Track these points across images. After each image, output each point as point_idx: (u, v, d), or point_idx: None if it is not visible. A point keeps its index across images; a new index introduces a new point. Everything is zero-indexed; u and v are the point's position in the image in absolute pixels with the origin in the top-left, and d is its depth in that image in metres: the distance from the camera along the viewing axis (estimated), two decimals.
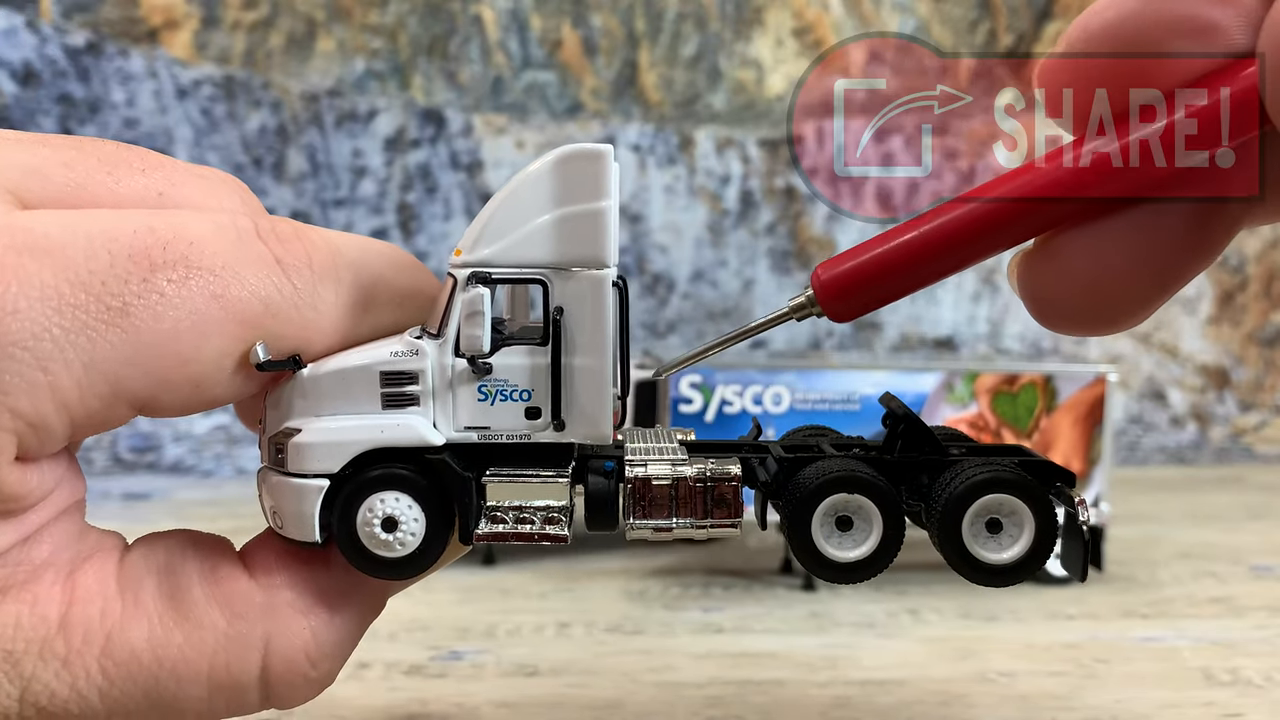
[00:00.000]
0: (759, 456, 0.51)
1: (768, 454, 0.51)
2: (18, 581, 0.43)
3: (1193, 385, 1.89)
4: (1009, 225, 0.43)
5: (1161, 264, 0.42)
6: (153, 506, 1.33)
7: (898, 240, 0.44)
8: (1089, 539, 0.47)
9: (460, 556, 0.52)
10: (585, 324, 0.46)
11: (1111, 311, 0.43)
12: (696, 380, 0.96)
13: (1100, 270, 0.42)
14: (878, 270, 0.45)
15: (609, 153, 0.46)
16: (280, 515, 0.47)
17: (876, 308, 0.46)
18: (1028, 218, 0.42)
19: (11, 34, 1.66)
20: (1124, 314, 0.43)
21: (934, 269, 0.44)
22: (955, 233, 0.43)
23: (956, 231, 0.43)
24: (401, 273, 0.50)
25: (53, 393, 0.41)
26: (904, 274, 0.44)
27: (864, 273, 0.45)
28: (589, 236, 0.46)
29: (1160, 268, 0.42)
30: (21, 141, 0.46)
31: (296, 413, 0.46)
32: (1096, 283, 0.42)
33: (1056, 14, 1.92)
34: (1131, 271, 0.42)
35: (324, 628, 0.47)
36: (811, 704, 0.67)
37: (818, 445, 0.51)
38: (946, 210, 0.43)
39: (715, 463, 0.48)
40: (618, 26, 1.81)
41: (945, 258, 0.44)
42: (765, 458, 0.51)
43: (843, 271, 0.45)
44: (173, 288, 0.42)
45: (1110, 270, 0.42)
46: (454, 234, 1.78)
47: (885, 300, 0.46)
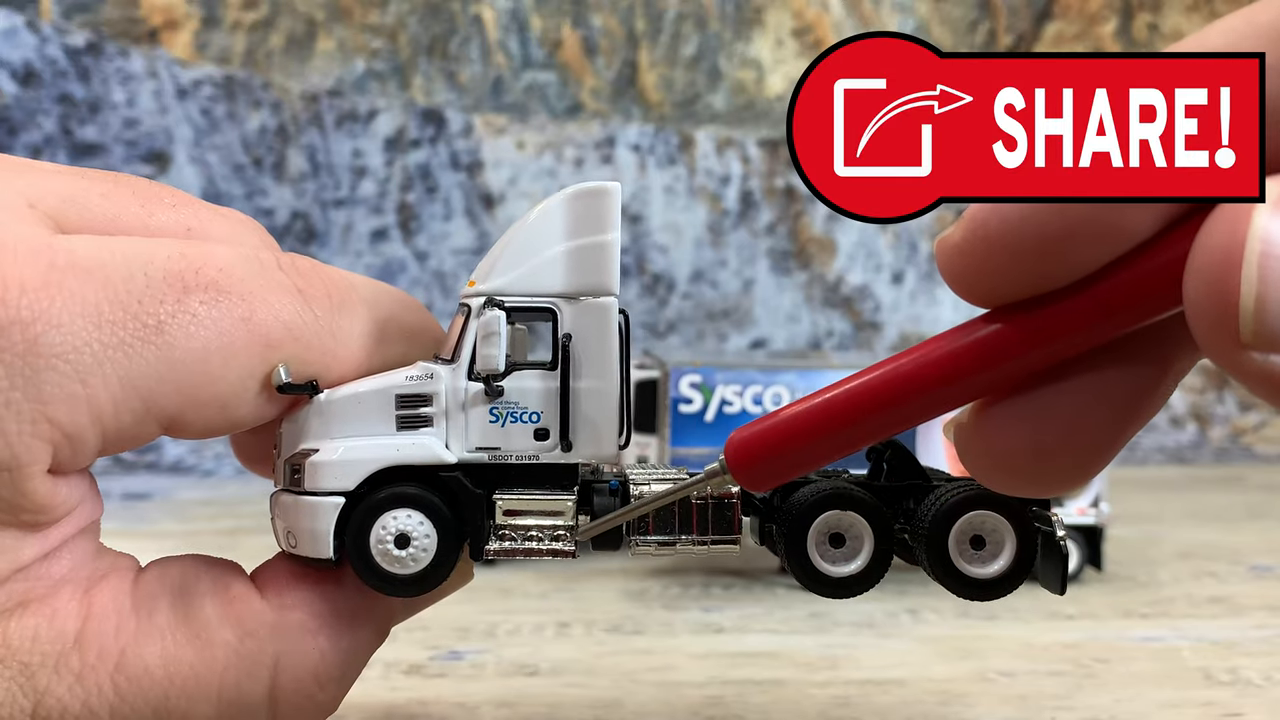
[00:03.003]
0: None
1: None
2: (37, 595, 0.44)
3: (1192, 385, 1.89)
4: (927, 395, 0.40)
5: (1095, 433, 0.40)
6: (153, 506, 1.33)
7: (809, 404, 0.42)
8: (1066, 555, 0.49)
9: (465, 585, 0.53)
10: (592, 348, 0.49)
11: (1052, 480, 0.41)
12: (696, 380, 0.96)
13: (1035, 443, 0.40)
14: (789, 433, 0.42)
15: (617, 190, 0.49)
16: (294, 534, 0.48)
17: (791, 476, 0.44)
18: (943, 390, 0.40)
19: (12, 34, 1.66)
20: (1064, 481, 0.41)
21: (849, 436, 0.41)
22: (870, 397, 0.40)
23: (871, 396, 0.40)
24: (410, 311, 0.53)
25: (89, 405, 0.42)
26: (816, 439, 0.41)
27: (774, 436, 0.42)
28: (596, 267, 0.49)
29: (1095, 437, 0.40)
30: (61, 173, 0.48)
31: (313, 435, 0.48)
32: (1033, 454, 0.40)
33: (1056, 14, 1.92)
34: (1066, 442, 0.40)
35: (332, 649, 0.48)
36: (811, 704, 0.67)
37: (805, 476, 0.53)
38: (863, 375, 0.41)
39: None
40: (618, 26, 1.81)
41: (860, 424, 0.41)
42: None
43: (751, 435, 0.43)
44: (204, 309, 0.44)
45: (1045, 443, 0.40)
46: (454, 234, 1.78)
47: (799, 467, 0.43)
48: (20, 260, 0.41)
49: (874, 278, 1.89)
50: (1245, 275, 0.33)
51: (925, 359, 0.40)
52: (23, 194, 0.45)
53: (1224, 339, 0.33)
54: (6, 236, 0.42)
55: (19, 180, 0.46)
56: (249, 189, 1.72)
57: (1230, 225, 0.33)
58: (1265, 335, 0.33)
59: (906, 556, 0.51)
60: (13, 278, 0.41)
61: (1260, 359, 0.33)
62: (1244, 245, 0.33)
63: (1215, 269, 0.33)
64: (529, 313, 0.49)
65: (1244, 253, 0.33)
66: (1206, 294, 0.33)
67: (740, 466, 0.43)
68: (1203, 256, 0.34)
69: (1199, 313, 0.34)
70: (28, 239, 0.42)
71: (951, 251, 0.38)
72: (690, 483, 0.47)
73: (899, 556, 0.51)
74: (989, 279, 0.38)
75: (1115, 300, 0.38)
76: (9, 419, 0.41)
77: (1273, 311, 0.32)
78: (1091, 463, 0.41)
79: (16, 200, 0.44)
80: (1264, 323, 0.33)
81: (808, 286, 1.86)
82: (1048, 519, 0.50)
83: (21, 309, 0.41)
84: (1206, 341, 0.34)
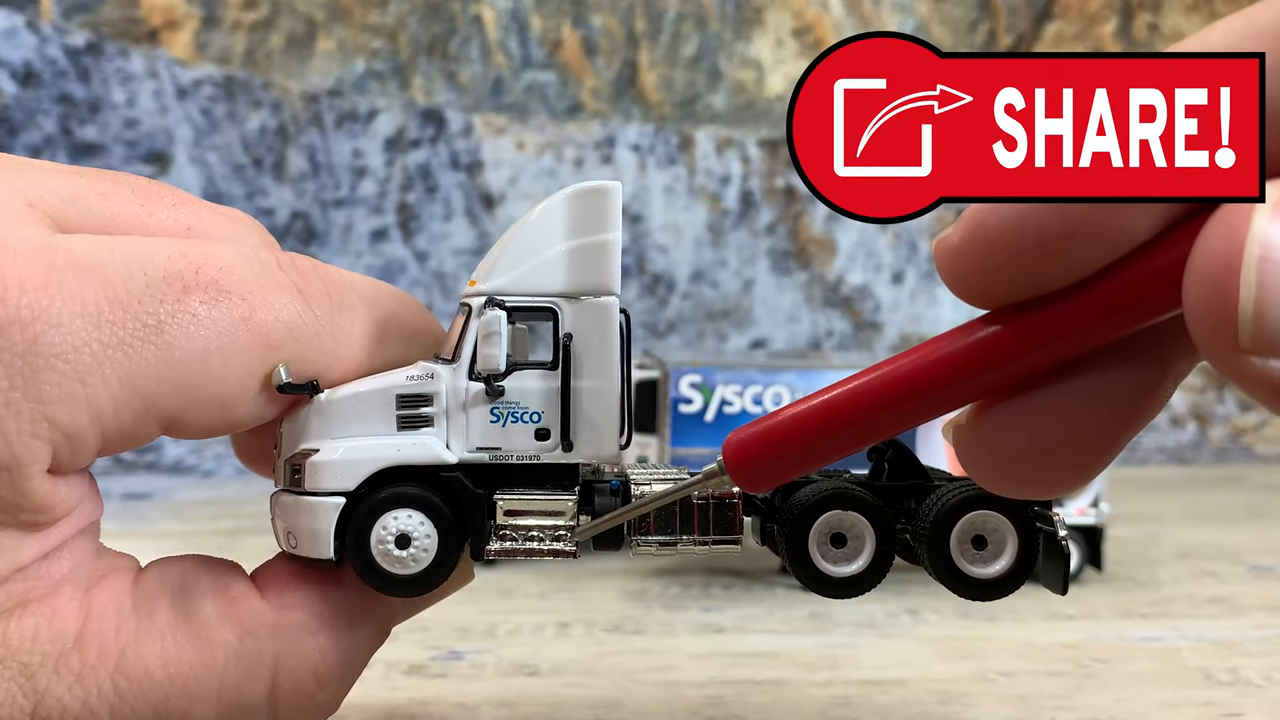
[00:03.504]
0: None
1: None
2: (37, 595, 0.44)
3: (1192, 385, 1.89)
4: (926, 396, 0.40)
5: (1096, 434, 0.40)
6: (153, 506, 1.33)
7: (807, 405, 0.41)
8: (1068, 555, 0.49)
9: (465, 585, 0.53)
10: (593, 348, 0.49)
11: (1052, 481, 0.42)
12: (696, 380, 0.96)
13: (1035, 443, 0.40)
14: (787, 435, 0.42)
15: (617, 189, 0.49)
16: (295, 534, 0.48)
17: (789, 477, 0.44)
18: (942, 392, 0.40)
19: (11, 34, 1.66)
20: (1065, 483, 0.42)
21: (846, 437, 0.41)
22: (868, 399, 0.40)
23: (870, 397, 0.40)
24: (411, 311, 0.52)
25: (89, 405, 0.42)
26: (814, 440, 0.41)
27: (772, 437, 0.42)
28: (597, 266, 0.49)
29: (1095, 438, 0.40)
30: (61, 172, 0.48)
31: (314, 435, 0.48)
32: (1033, 456, 0.40)
33: (1056, 14, 1.92)
34: (1066, 444, 0.40)
35: (332, 650, 0.48)
36: (811, 704, 0.67)
37: (807, 477, 0.53)
38: (862, 376, 0.41)
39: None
40: (618, 26, 1.81)
41: (859, 425, 0.41)
42: None
43: (749, 436, 0.43)
44: (204, 309, 0.44)
45: (1045, 445, 0.40)
46: (454, 234, 1.78)
47: (798, 469, 0.43)
48: (20, 260, 0.41)
49: (874, 278, 1.89)
50: (1244, 280, 0.32)
51: (924, 360, 0.40)
52: (22, 193, 0.45)
53: (1223, 344, 0.33)
54: (6, 236, 0.42)
55: (19, 180, 0.46)
56: (249, 189, 1.72)
57: (1229, 230, 0.33)
58: (1264, 340, 0.33)
59: (908, 556, 0.51)
60: (12, 277, 0.41)
61: (1259, 364, 0.33)
62: (1243, 250, 0.33)
63: (1214, 274, 0.33)
64: (530, 312, 0.49)
65: (1243, 257, 0.33)
66: (1205, 299, 0.33)
67: (738, 468, 0.43)
68: (1202, 261, 0.34)
69: (1198, 317, 0.34)
70: (28, 238, 0.42)
71: (950, 252, 0.38)
72: (689, 484, 0.47)
73: (900, 556, 0.51)
74: (988, 280, 0.38)
75: (1115, 302, 0.38)
76: (8, 419, 0.41)
77: (1271, 316, 0.32)
78: (1092, 463, 0.41)
79: (16, 200, 0.44)
80: (1263, 328, 0.33)
81: (808, 286, 1.86)
82: (1049, 519, 0.50)
83: (21, 308, 0.41)
84: (1205, 346, 0.34)
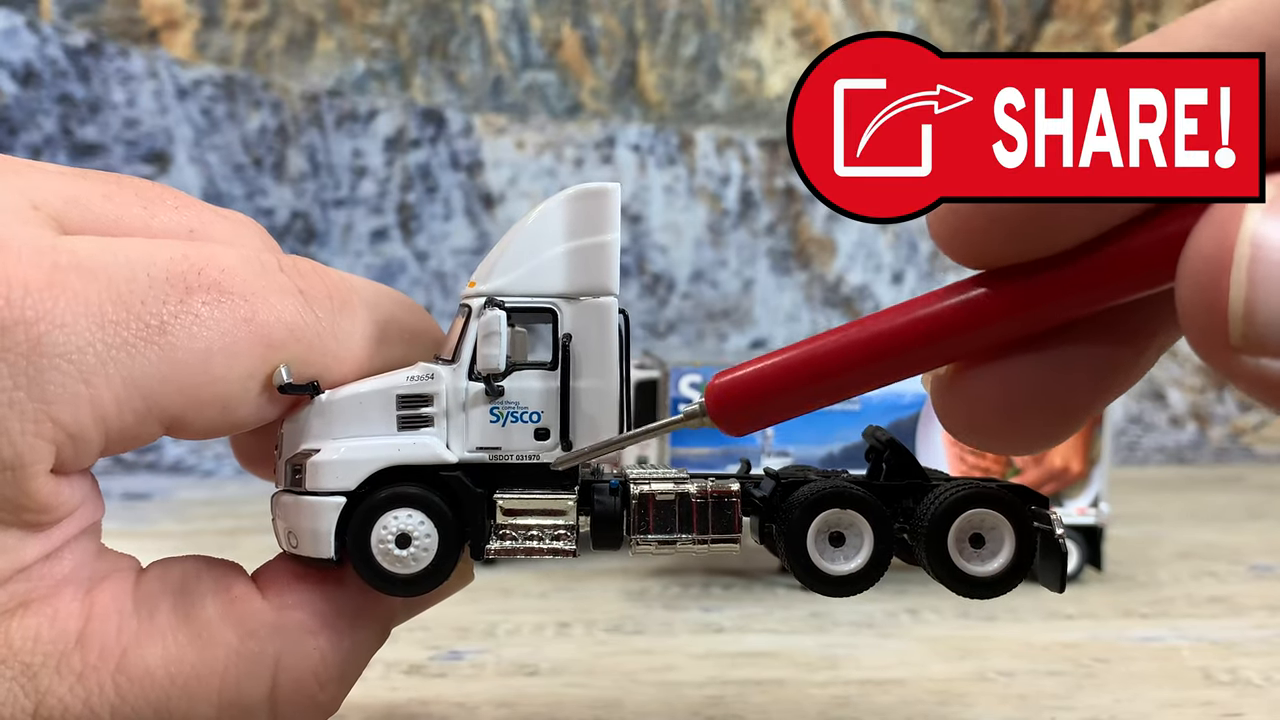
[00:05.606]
0: (754, 480, 0.53)
1: (763, 478, 0.53)
2: (39, 595, 0.44)
3: (1192, 385, 1.89)
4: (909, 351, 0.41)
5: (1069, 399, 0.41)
6: (153, 506, 1.33)
7: (792, 354, 0.43)
8: (1065, 553, 0.49)
9: (466, 585, 0.54)
10: (592, 348, 0.49)
11: (1023, 441, 0.43)
12: (696, 380, 0.96)
13: (1006, 402, 0.41)
14: (770, 380, 0.43)
15: (616, 190, 0.49)
16: (296, 535, 0.48)
17: (769, 423, 0.44)
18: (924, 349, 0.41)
19: (12, 34, 1.66)
20: (1035, 443, 0.43)
21: (827, 386, 0.42)
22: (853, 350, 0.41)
23: (854, 349, 0.41)
24: (410, 313, 0.53)
25: (93, 405, 0.42)
26: (796, 388, 0.42)
27: (755, 382, 0.43)
28: (596, 267, 0.49)
29: (1068, 403, 0.41)
30: (64, 174, 0.48)
31: (314, 435, 0.48)
32: (1005, 414, 0.41)
33: (1056, 14, 1.92)
34: (1039, 406, 0.41)
35: (332, 650, 0.48)
36: (811, 704, 0.67)
37: (805, 476, 0.53)
38: (848, 328, 0.42)
39: (715, 481, 0.51)
40: (618, 26, 1.81)
41: (841, 375, 0.42)
42: (761, 480, 0.53)
43: (733, 380, 0.44)
44: (207, 310, 0.44)
45: (1017, 405, 0.41)
46: (454, 234, 1.78)
47: (778, 415, 0.44)
48: (24, 261, 0.42)
49: (874, 278, 1.89)
50: (1234, 279, 0.33)
51: (911, 316, 0.41)
52: (26, 195, 0.45)
53: (1215, 342, 0.33)
54: (10, 238, 0.42)
55: (22, 181, 0.46)
56: (249, 189, 1.72)
57: (1220, 228, 0.33)
58: (1255, 339, 0.33)
59: (906, 556, 0.52)
60: (17, 278, 0.41)
61: (1251, 362, 0.33)
62: (1233, 248, 0.33)
63: (1205, 272, 0.33)
64: (529, 313, 0.50)
65: (1233, 256, 0.33)
66: (1197, 297, 0.34)
67: (720, 410, 0.44)
68: (1193, 259, 0.34)
69: (1190, 316, 0.34)
70: (32, 240, 0.43)
71: (943, 212, 0.38)
72: (669, 422, 0.47)
73: (898, 556, 0.51)
74: (978, 240, 0.39)
75: (1105, 272, 0.38)
76: (12, 418, 0.41)
77: (1262, 315, 0.33)
78: (1061, 427, 0.42)
79: (20, 201, 0.45)
80: (1253, 326, 0.33)
81: (808, 286, 1.86)
82: (1047, 517, 0.50)
83: (26, 309, 0.41)
84: (1198, 344, 0.34)
